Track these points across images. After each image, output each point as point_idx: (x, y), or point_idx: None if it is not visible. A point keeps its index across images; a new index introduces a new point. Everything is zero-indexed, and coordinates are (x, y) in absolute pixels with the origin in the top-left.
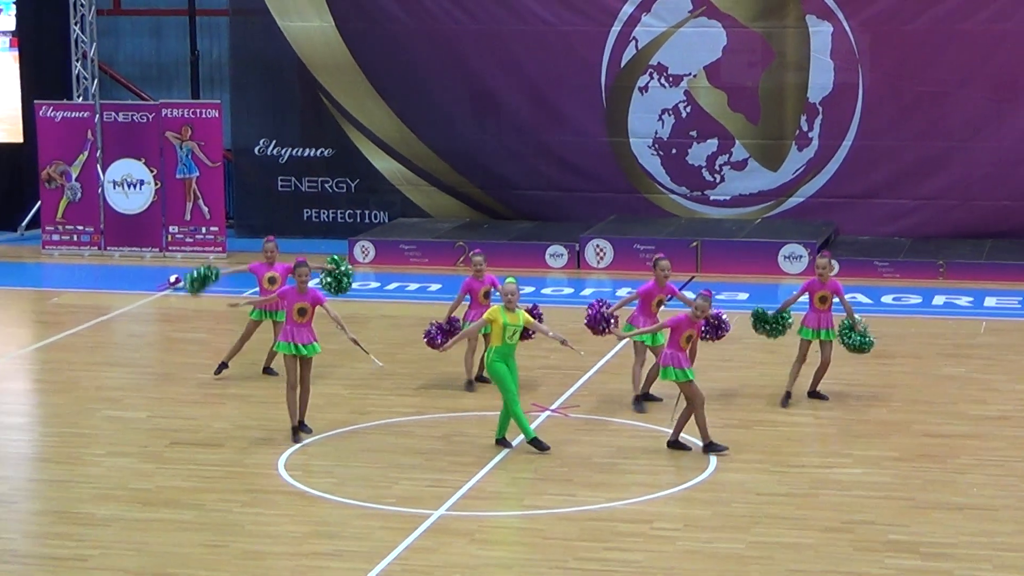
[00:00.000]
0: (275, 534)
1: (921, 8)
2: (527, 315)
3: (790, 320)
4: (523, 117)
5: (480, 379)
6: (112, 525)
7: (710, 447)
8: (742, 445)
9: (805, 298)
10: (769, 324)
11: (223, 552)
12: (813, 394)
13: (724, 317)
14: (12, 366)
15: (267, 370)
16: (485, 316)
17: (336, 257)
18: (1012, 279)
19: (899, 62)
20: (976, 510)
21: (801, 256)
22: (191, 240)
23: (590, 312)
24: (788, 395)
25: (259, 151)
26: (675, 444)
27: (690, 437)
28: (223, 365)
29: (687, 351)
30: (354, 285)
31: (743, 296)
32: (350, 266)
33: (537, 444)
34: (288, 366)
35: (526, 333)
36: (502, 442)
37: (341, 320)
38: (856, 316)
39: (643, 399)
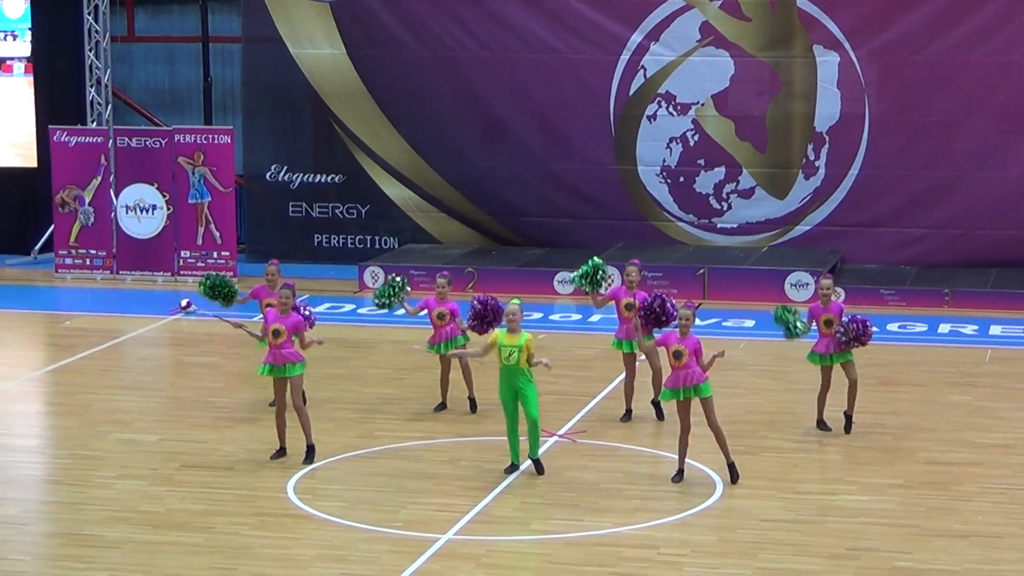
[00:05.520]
0: (283, 557)
1: (928, 39)
2: (529, 338)
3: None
4: (532, 145)
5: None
6: (122, 547)
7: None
8: (748, 471)
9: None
10: (790, 323)
11: (232, 575)
12: (848, 415)
13: (667, 303)
14: (24, 389)
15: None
16: (487, 338)
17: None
18: (1017, 308)
19: (905, 92)
20: (980, 537)
21: (808, 284)
22: (202, 265)
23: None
24: (820, 422)
25: (270, 177)
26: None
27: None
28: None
29: (673, 367)
30: (362, 311)
31: (749, 323)
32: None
33: (512, 470)
34: (274, 388)
35: None
36: (512, 468)
37: (315, 343)
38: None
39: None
